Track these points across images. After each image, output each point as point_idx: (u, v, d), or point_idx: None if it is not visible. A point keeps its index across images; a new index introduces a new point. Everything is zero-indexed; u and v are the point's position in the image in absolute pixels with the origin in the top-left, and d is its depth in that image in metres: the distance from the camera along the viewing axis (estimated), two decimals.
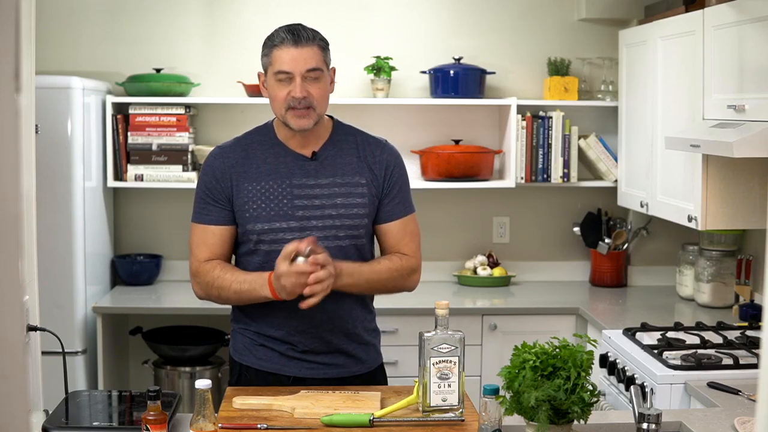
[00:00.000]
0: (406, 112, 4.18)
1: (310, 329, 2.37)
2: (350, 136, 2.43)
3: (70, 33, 4.10)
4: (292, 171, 2.36)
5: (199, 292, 2.41)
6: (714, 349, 2.89)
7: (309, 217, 2.34)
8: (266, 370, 2.40)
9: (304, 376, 2.40)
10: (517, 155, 4.04)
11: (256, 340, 2.42)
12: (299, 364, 2.40)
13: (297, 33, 2.30)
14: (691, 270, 3.84)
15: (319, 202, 2.35)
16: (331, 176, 2.37)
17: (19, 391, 1.13)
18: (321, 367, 2.40)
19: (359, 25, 4.18)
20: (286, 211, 2.33)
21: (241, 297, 2.33)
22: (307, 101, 2.29)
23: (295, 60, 2.28)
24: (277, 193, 2.34)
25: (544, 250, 4.34)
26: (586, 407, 1.88)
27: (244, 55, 4.16)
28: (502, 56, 4.22)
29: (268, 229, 2.33)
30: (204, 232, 2.38)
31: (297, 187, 2.35)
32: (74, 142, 3.63)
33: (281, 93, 2.30)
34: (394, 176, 2.43)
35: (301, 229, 2.33)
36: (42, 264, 2.58)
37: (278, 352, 2.40)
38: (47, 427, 2.10)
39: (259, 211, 2.33)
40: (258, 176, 2.35)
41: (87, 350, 3.68)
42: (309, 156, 2.38)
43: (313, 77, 2.30)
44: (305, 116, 2.30)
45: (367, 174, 2.39)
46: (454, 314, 2.28)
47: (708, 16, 3.10)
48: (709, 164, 3.12)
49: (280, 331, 2.38)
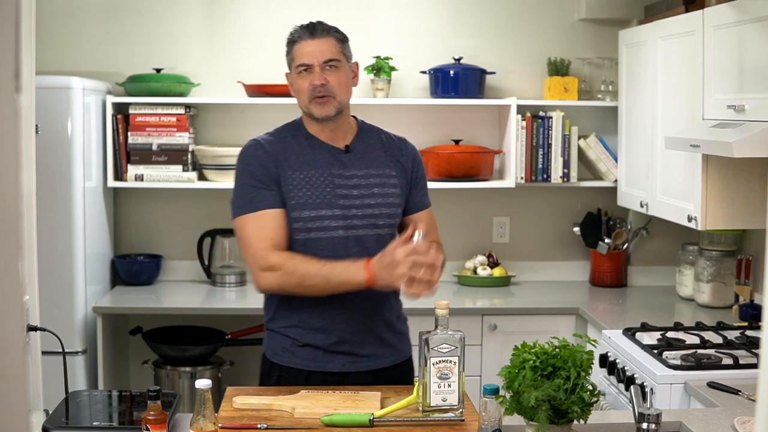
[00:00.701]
0: (406, 112, 4.18)
1: (354, 317, 2.40)
2: (374, 133, 2.54)
3: (70, 33, 4.10)
4: (330, 162, 2.43)
5: (269, 284, 2.35)
6: (714, 349, 2.89)
7: (350, 206, 2.40)
8: (309, 369, 2.41)
9: (348, 371, 2.42)
10: (517, 155, 4.04)
11: (298, 340, 2.43)
12: (343, 359, 2.42)
13: (313, 27, 2.42)
14: (691, 270, 3.84)
15: (357, 192, 2.41)
16: (365, 168, 2.45)
17: (19, 391, 1.13)
18: (363, 360, 2.42)
19: (359, 25, 4.18)
20: (330, 200, 2.39)
21: (328, 284, 2.30)
22: (326, 89, 2.38)
23: (312, 51, 2.38)
24: (320, 182, 2.39)
25: (544, 250, 4.34)
26: (586, 407, 1.88)
27: (244, 55, 4.17)
28: (502, 56, 4.22)
29: (315, 217, 2.37)
30: (260, 219, 2.36)
31: (336, 177, 2.41)
32: (74, 142, 3.63)
33: (304, 84, 2.39)
34: (420, 169, 2.55)
35: (344, 217, 2.39)
36: (42, 264, 2.58)
37: (322, 349, 2.41)
38: (47, 427, 2.10)
39: (305, 198, 2.37)
40: (299, 165, 2.40)
41: (87, 350, 3.68)
42: (342, 148, 2.45)
43: (332, 66, 2.39)
44: (326, 103, 2.39)
45: (396, 167, 2.49)
46: (454, 314, 2.28)
47: (708, 16, 3.10)
48: (709, 164, 3.12)
49: (325, 321, 2.40)
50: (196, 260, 4.16)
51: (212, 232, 4.14)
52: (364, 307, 2.40)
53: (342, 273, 2.28)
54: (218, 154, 3.97)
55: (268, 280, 2.35)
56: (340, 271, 2.28)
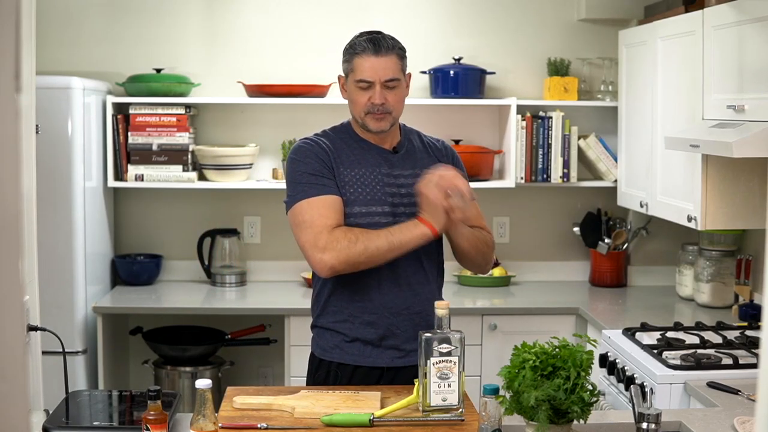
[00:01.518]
0: (406, 112, 4.14)
1: (403, 310, 2.45)
2: (414, 135, 2.62)
3: (70, 33, 4.10)
4: (379, 162, 2.49)
5: (334, 260, 2.33)
6: (714, 349, 2.89)
7: (398, 204, 2.45)
8: (358, 364, 2.45)
9: (397, 366, 2.45)
10: (516, 155, 4.04)
11: (347, 335, 2.46)
12: (392, 353, 2.45)
13: (378, 43, 2.43)
14: (691, 270, 3.85)
15: (405, 191, 2.47)
16: (411, 168, 2.51)
17: (19, 391, 1.13)
18: (412, 354, 2.42)
19: (359, 25, 4.16)
20: (380, 197, 2.45)
21: (392, 245, 2.34)
22: (385, 107, 2.44)
23: (375, 69, 2.42)
24: (371, 180, 2.46)
25: (544, 250, 4.34)
26: (586, 407, 1.88)
27: (244, 55, 4.17)
28: (502, 56, 4.22)
29: (366, 213, 2.42)
30: (323, 202, 2.39)
31: (386, 176, 2.48)
32: (74, 142, 3.63)
33: (362, 99, 2.44)
34: (459, 166, 2.60)
35: (393, 214, 2.44)
36: (42, 264, 2.58)
37: (371, 344, 2.45)
38: (47, 427, 2.10)
39: (356, 195, 2.43)
40: (351, 163, 2.46)
41: (87, 350, 3.68)
42: (390, 150, 2.52)
43: (391, 86, 2.44)
44: (383, 119, 2.46)
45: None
46: (454, 314, 2.29)
47: (708, 16, 3.10)
48: (709, 164, 3.12)
49: (373, 315, 2.44)
50: (196, 260, 4.16)
51: (212, 232, 4.14)
52: (413, 302, 2.46)
53: (402, 231, 2.35)
54: (218, 154, 3.97)
55: (327, 258, 2.32)
56: (400, 230, 2.35)
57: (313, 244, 2.34)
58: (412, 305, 2.46)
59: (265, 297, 3.97)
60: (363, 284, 2.43)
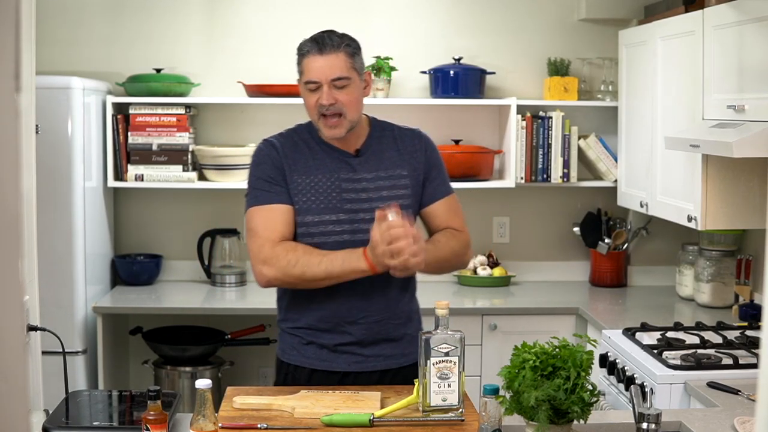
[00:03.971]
0: (406, 112, 4.18)
1: (360, 319, 2.41)
2: (387, 131, 2.50)
3: (70, 33, 4.10)
4: (339, 166, 2.42)
5: (271, 276, 2.33)
6: (714, 349, 2.89)
7: (357, 210, 2.39)
8: (314, 368, 2.42)
9: (353, 371, 2.42)
10: (516, 155, 4.04)
11: (304, 338, 2.44)
12: (348, 358, 2.42)
13: (322, 41, 2.34)
14: (691, 270, 3.85)
15: (366, 196, 2.40)
16: (375, 170, 2.43)
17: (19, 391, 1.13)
18: (370, 360, 2.42)
19: (359, 25, 4.16)
20: (335, 204, 2.38)
21: (330, 274, 2.29)
22: (335, 108, 2.34)
23: (321, 69, 2.33)
24: (326, 187, 2.39)
25: (544, 250, 4.34)
26: (586, 407, 1.88)
27: (244, 55, 4.17)
28: (502, 56, 4.22)
29: (318, 221, 2.37)
30: (271, 212, 2.37)
31: (344, 181, 2.40)
32: (74, 142, 3.63)
33: (311, 100, 2.36)
34: (432, 159, 2.51)
35: (351, 221, 2.38)
36: (42, 264, 2.58)
37: (327, 348, 2.42)
38: (47, 427, 2.10)
39: (309, 203, 2.38)
40: (307, 170, 2.40)
41: (87, 350, 3.68)
42: (353, 153, 2.44)
43: (341, 85, 2.34)
44: (336, 126, 2.36)
45: (408, 165, 2.47)
46: (454, 314, 2.28)
47: (708, 16, 3.10)
48: (709, 164, 3.12)
49: (330, 323, 2.41)
50: (196, 260, 4.16)
51: (212, 232, 4.14)
52: (375, 308, 2.41)
53: (343, 263, 2.28)
54: (218, 154, 3.97)
55: (267, 271, 2.33)
56: (341, 260, 2.29)
57: (256, 254, 2.35)
58: (369, 314, 2.41)
59: (265, 297, 3.94)
60: (320, 292, 2.38)
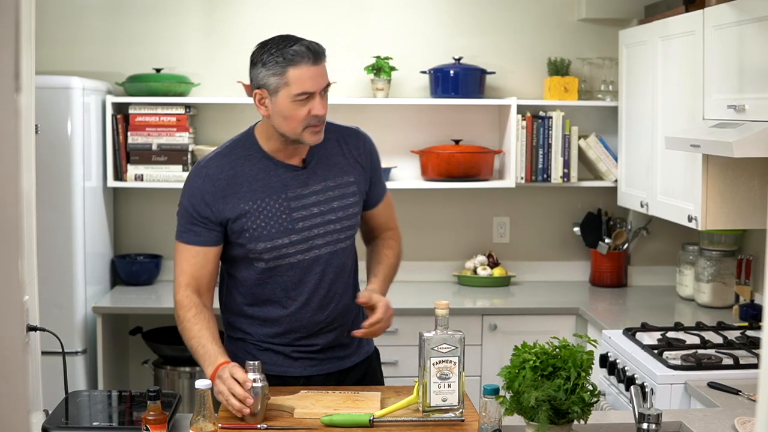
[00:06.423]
0: (406, 112, 4.18)
1: (313, 333, 2.39)
2: (329, 134, 2.36)
3: (70, 33, 4.10)
4: (286, 183, 2.32)
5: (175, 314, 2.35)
6: (714, 349, 2.89)
7: (310, 227, 2.33)
8: (272, 374, 2.37)
9: (310, 374, 2.41)
10: (517, 155, 4.04)
11: (260, 345, 2.41)
12: (304, 363, 2.41)
13: (315, 51, 2.22)
14: (691, 270, 3.84)
15: (317, 210, 2.33)
16: (323, 181, 2.35)
17: (19, 391, 1.13)
18: (325, 363, 2.42)
19: (359, 25, 4.18)
20: (286, 227, 2.30)
21: (192, 353, 2.29)
22: (324, 117, 2.28)
23: (316, 78, 2.22)
24: (275, 210, 2.30)
25: (544, 250, 4.34)
26: (586, 407, 1.88)
27: (244, 55, 4.08)
28: (502, 56, 4.22)
29: (271, 247, 2.30)
30: (188, 253, 2.32)
31: (293, 199, 2.31)
32: (74, 142, 3.63)
33: (301, 113, 2.22)
34: (375, 161, 2.47)
35: (304, 240, 2.32)
36: (42, 264, 2.58)
37: (283, 354, 2.40)
38: (47, 427, 2.10)
39: (260, 230, 2.29)
40: (251, 195, 2.29)
41: (87, 350, 3.68)
42: (299, 165, 2.34)
43: (325, 92, 2.28)
44: (320, 131, 2.28)
45: (353, 171, 2.40)
46: (454, 314, 2.28)
47: (708, 16, 3.10)
48: (709, 164, 3.12)
49: (285, 338, 2.39)
50: None
51: None
52: (324, 323, 2.38)
53: (202, 358, 2.24)
54: None
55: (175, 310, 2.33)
56: (202, 356, 2.24)
57: (174, 287, 2.34)
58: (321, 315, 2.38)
59: None
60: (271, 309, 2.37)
